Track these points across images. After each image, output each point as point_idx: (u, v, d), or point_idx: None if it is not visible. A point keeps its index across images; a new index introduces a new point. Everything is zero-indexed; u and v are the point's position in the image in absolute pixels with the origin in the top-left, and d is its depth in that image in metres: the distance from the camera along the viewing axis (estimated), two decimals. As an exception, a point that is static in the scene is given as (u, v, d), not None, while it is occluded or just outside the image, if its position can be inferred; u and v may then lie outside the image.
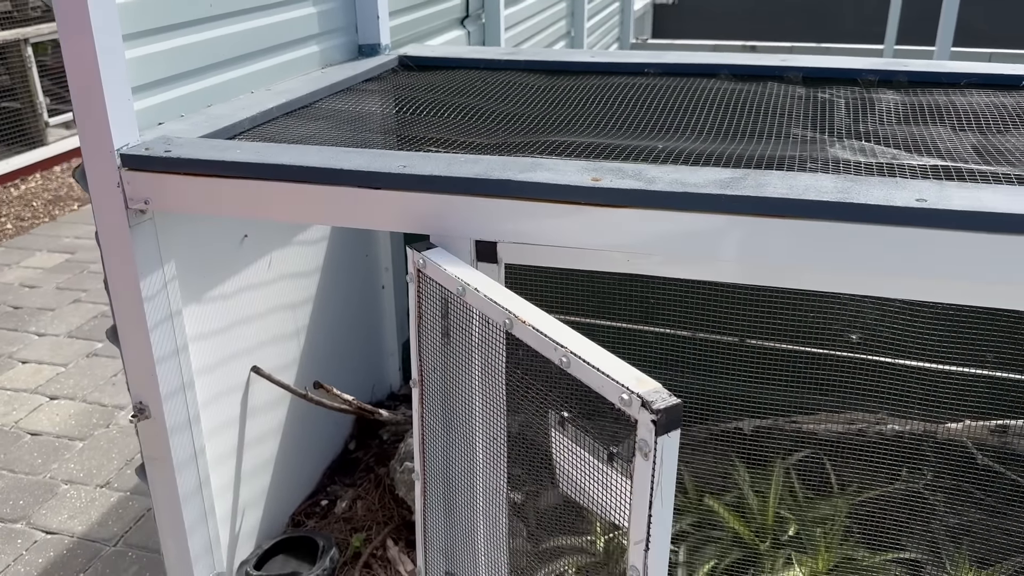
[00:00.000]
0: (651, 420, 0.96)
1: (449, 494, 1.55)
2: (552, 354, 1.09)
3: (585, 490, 1.14)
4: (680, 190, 1.25)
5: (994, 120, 1.83)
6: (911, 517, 1.86)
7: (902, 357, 1.79)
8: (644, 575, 1.04)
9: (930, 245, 1.17)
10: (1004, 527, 1.85)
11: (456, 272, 1.28)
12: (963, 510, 1.85)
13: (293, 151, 1.51)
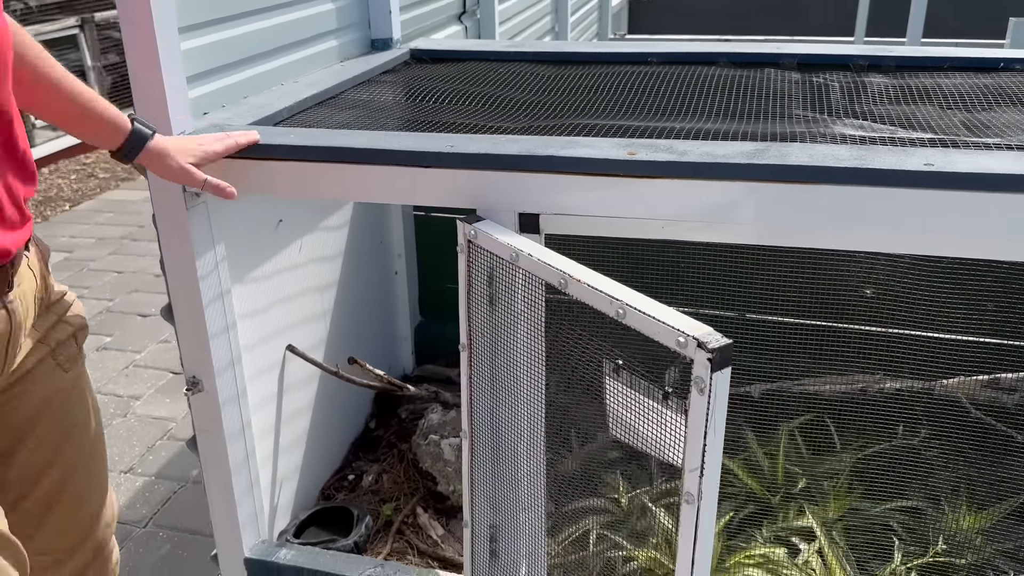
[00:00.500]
0: (707, 359, 1.09)
1: (494, 451, 1.67)
2: (608, 307, 1.21)
3: (637, 430, 1.26)
4: (711, 160, 1.38)
5: (978, 99, 1.97)
6: (911, 469, 2.01)
7: (906, 318, 1.94)
8: (698, 499, 1.17)
9: (937, 204, 1.31)
10: (996, 475, 2.00)
11: (508, 240, 1.40)
12: (959, 461, 1.99)
13: (343, 135, 1.62)
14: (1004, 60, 2.19)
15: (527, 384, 1.56)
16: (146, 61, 1.56)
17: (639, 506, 2.08)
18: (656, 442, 1.24)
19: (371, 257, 2.73)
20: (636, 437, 1.27)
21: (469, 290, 1.52)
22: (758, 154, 1.40)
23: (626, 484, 2.09)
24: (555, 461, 1.73)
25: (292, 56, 2.20)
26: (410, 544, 2.22)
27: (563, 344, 1.40)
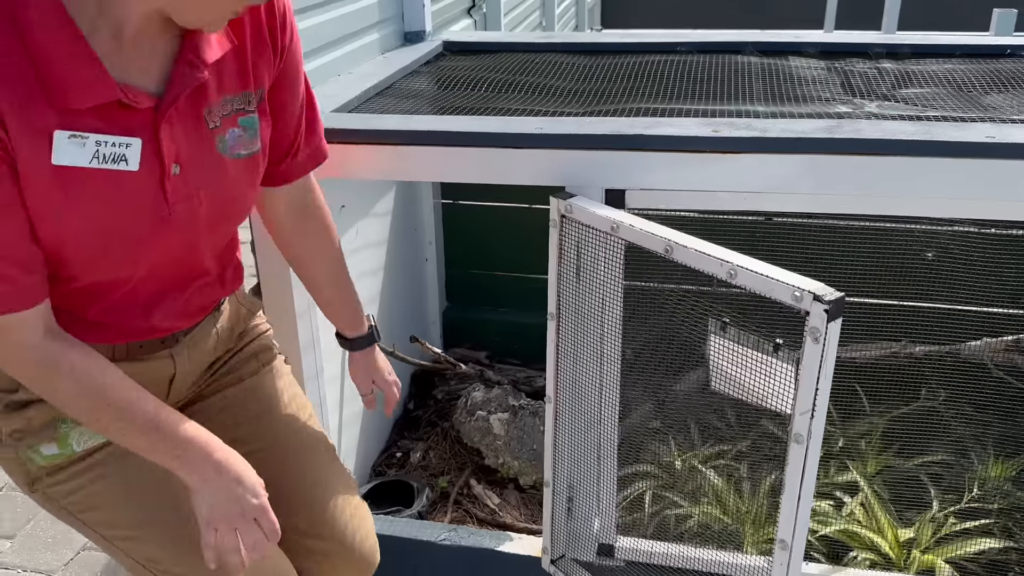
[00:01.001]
0: (824, 310, 1.21)
1: (574, 415, 1.78)
2: (718, 269, 1.33)
3: (742, 382, 1.39)
4: (792, 136, 1.51)
5: (993, 82, 2.14)
6: (940, 427, 2.17)
7: (934, 288, 2.09)
8: (808, 439, 1.30)
9: (997, 173, 1.45)
10: (1019, 427, 2.18)
11: (607, 213, 1.51)
12: (984, 417, 2.16)
13: (431, 120, 1.71)
14: (1011, 47, 2.36)
15: (612, 350, 1.68)
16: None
17: (688, 468, 2.21)
18: (761, 391, 1.36)
19: (407, 244, 2.82)
20: (739, 389, 1.39)
21: (560, 262, 1.63)
22: (834, 129, 1.53)
23: (677, 450, 2.22)
24: (627, 425, 1.85)
25: (344, 49, 2.28)
26: (468, 513, 2.32)
27: (658, 310, 1.52)
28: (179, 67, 1.07)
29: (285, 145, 1.32)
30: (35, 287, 1.04)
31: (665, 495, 2.14)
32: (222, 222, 1.23)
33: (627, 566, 1.91)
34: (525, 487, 2.42)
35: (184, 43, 1.08)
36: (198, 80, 1.09)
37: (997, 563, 1.96)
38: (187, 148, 1.11)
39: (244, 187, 1.22)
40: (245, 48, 1.17)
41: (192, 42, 1.08)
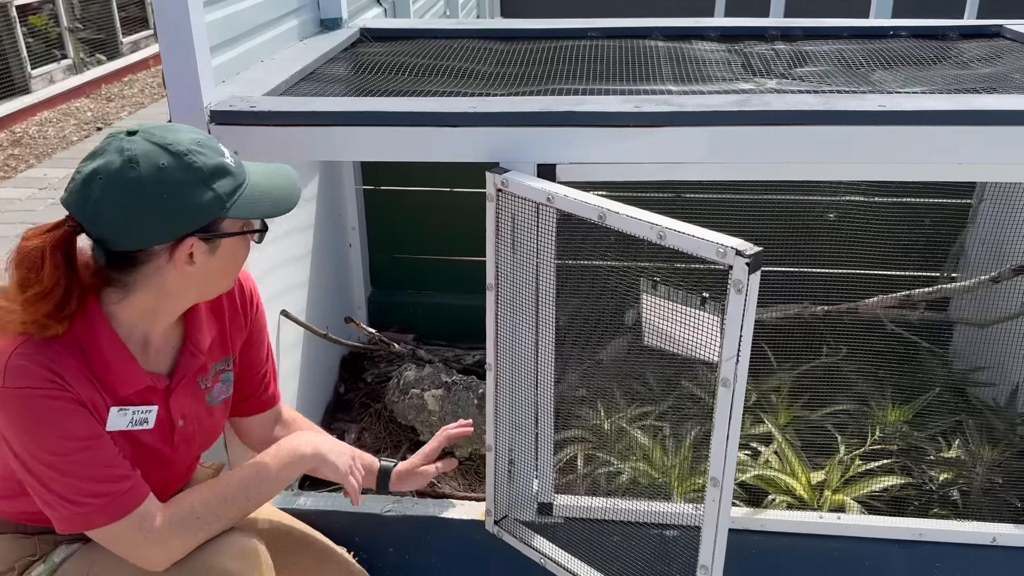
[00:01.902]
0: (745, 263, 1.34)
1: (512, 381, 1.87)
2: (648, 232, 1.44)
3: (671, 335, 1.50)
4: (708, 109, 1.64)
5: (879, 60, 2.33)
6: (842, 379, 2.36)
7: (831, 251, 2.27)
8: (734, 383, 1.42)
9: (888, 138, 1.61)
10: (913, 376, 2.39)
11: (541, 185, 1.60)
12: (881, 368, 2.36)
13: (368, 101, 1.77)
14: (893, 28, 2.57)
15: (547, 318, 1.78)
16: (178, 34, 1.66)
17: (616, 430, 2.34)
18: (690, 343, 1.48)
19: (331, 230, 2.85)
20: (670, 342, 1.51)
21: (497, 234, 1.72)
22: (744, 103, 1.66)
23: (605, 413, 2.34)
24: (560, 391, 1.95)
25: (264, 36, 2.30)
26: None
27: (590, 273, 1.63)
28: (184, 357, 1.48)
29: (254, 386, 1.69)
30: (141, 480, 1.38)
31: (597, 455, 2.26)
32: (205, 447, 1.62)
33: (565, 522, 2.02)
34: (461, 459, 2.50)
35: (186, 336, 1.49)
36: (197, 365, 1.50)
37: (898, 498, 2.15)
38: (188, 406, 1.50)
39: (221, 420, 1.64)
40: (225, 325, 1.57)
41: (192, 336, 1.49)
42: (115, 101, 7.75)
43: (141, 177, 1.26)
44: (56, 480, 1.29)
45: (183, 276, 1.35)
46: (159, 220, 1.28)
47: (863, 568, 1.98)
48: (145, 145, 1.28)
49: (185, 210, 1.29)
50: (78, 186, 1.28)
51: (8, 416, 1.28)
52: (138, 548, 1.36)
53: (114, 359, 1.37)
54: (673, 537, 1.94)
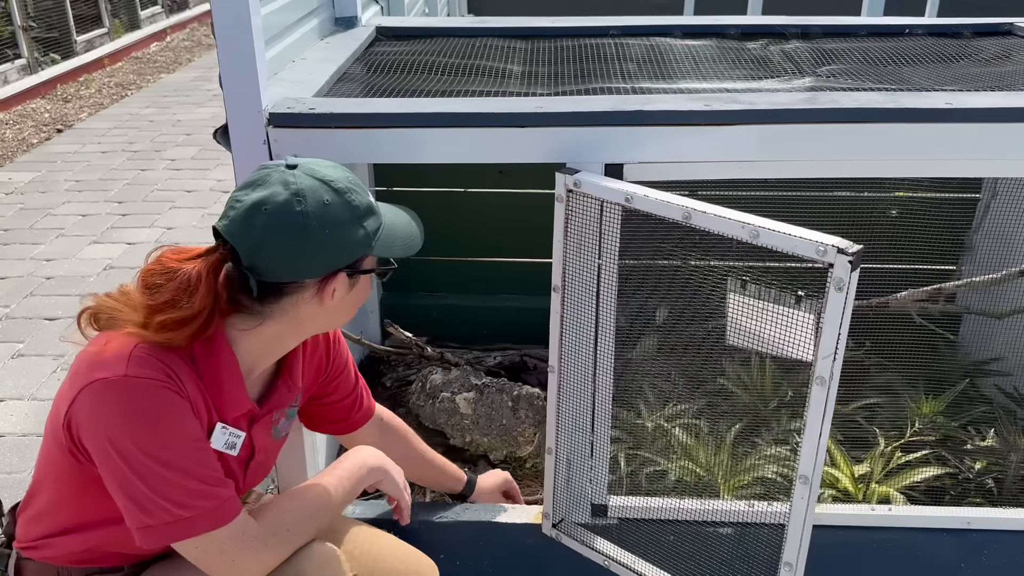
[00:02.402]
0: (848, 261, 1.34)
1: (574, 385, 1.85)
2: (740, 232, 1.44)
3: (760, 335, 1.50)
4: (778, 107, 1.64)
5: (903, 59, 2.37)
6: (878, 373, 2.39)
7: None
8: (829, 381, 1.43)
9: (956, 135, 1.64)
10: (944, 368, 2.43)
11: (619, 186, 1.59)
12: (907, 360, 2.40)
13: (429, 102, 1.74)
14: (909, 27, 2.61)
15: (608, 319, 1.77)
16: (239, 38, 1.61)
17: (655, 429, 2.34)
18: (779, 341, 1.49)
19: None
20: (757, 341, 1.51)
21: (566, 236, 1.70)
22: (812, 100, 1.67)
23: (646, 411, 2.34)
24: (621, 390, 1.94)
25: (295, 35, 2.25)
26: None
27: (672, 272, 1.62)
28: (279, 389, 1.51)
29: (349, 406, 1.76)
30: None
31: (637, 455, 2.25)
32: (261, 480, 1.61)
33: (620, 523, 2.01)
34: (496, 462, 2.47)
35: (284, 368, 1.52)
36: (289, 399, 1.53)
37: (934, 488, 2.19)
38: (262, 438, 1.50)
39: (276, 456, 1.64)
40: (307, 361, 1.59)
41: (291, 369, 1.52)
42: (72, 102, 7.52)
43: (307, 212, 1.29)
44: (166, 480, 1.25)
45: (319, 310, 1.37)
46: (319, 255, 1.32)
47: (915, 558, 2.02)
48: (309, 180, 1.31)
49: (342, 246, 1.34)
50: (241, 215, 1.29)
51: (126, 407, 1.23)
52: (235, 558, 1.33)
53: (227, 381, 1.36)
54: (731, 535, 1.95)
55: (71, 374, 1.30)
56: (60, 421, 1.28)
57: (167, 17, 10.76)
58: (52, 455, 1.35)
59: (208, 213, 5.05)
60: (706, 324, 1.81)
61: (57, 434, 1.30)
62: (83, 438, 1.26)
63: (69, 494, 1.35)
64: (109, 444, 1.23)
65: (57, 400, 1.33)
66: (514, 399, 2.46)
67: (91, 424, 1.24)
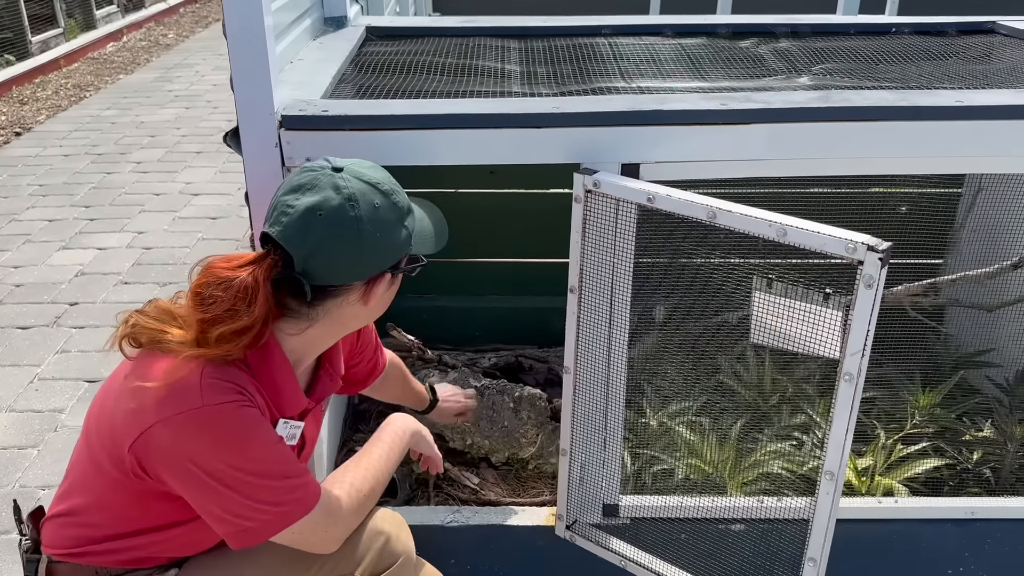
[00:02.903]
0: (878, 259, 1.36)
1: (588, 386, 1.85)
2: (767, 230, 1.45)
3: (785, 333, 1.51)
4: (794, 106, 1.65)
5: (894, 57, 2.40)
6: (873, 366, 2.42)
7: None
8: (857, 377, 1.44)
9: (967, 132, 1.66)
10: (936, 360, 2.48)
11: (639, 186, 1.59)
12: (909, 355, 2.44)
13: (445, 104, 1.72)
14: (895, 26, 2.66)
15: (622, 319, 1.77)
16: (251, 39, 1.57)
17: (659, 427, 2.35)
18: (805, 339, 1.50)
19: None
20: (782, 339, 1.52)
21: (584, 236, 1.69)
22: (825, 99, 1.69)
23: (649, 409, 2.34)
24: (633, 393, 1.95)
25: (291, 36, 2.21)
26: (451, 496, 2.33)
27: (693, 271, 1.62)
28: (322, 380, 1.54)
29: (368, 369, 1.86)
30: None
31: (642, 453, 2.26)
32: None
33: (632, 522, 2.01)
34: (498, 464, 2.46)
35: (325, 359, 1.54)
36: (335, 387, 1.58)
37: (933, 479, 2.23)
38: (311, 429, 1.54)
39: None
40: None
41: (332, 359, 1.55)
42: (29, 104, 7.32)
43: (361, 217, 1.31)
44: (260, 487, 1.29)
45: (361, 310, 1.40)
46: (372, 258, 1.35)
47: (920, 549, 2.05)
48: (358, 184, 1.33)
49: (391, 248, 1.37)
50: (295, 221, 1.29)
51: (210, 434, 1.25)
52: (328, 531, 1.39)
53: (284, 384, 1.37)
54: (746, 532, 1.96)
55: (128, 403, 1.29)
56: (120, 449, 1.28)
57: (123, 17, 10.53)
58: (101, 468, 1.33)
59: (179, 216, 4.96)
60: (722, 322, 1.82)
61: (114, 456, 1.30)
62: (160, 468, 1.27)
63: (120, 503, 1.35)
64: (197, 468, 1.26)
65: (110, 425, 1.31)
66: (515, 400, 2.45)
67: (173, 456, 1.26)
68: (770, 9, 3.42)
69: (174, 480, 1.27)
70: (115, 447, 1.29)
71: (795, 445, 2.30)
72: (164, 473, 1.27)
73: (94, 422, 1.37)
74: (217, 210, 5.05)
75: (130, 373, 1.30)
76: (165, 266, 4.31)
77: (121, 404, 1.30)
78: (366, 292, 1.37)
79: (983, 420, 2.35)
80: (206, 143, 6.28)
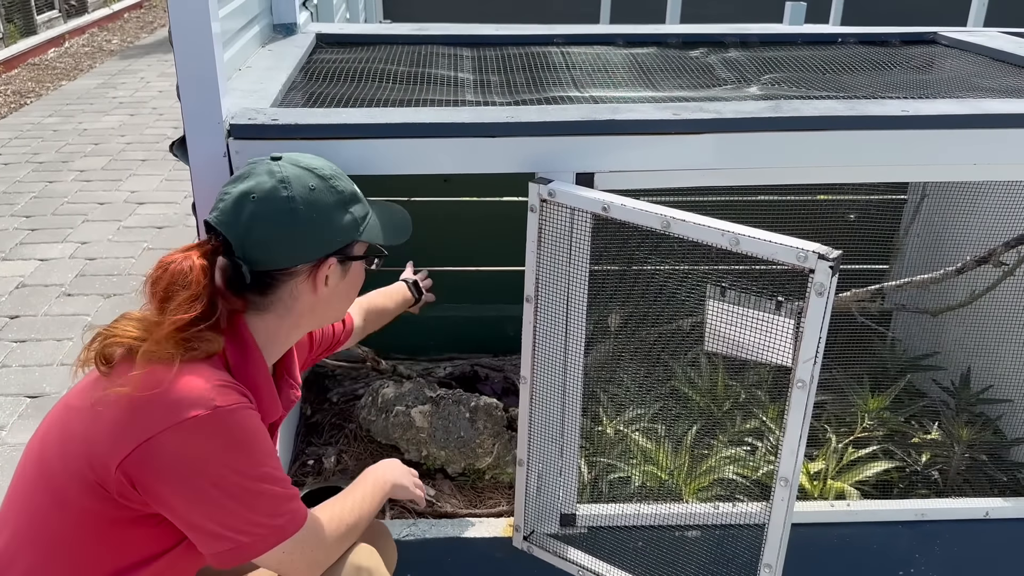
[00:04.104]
0: (829, 267, 1.37)
1: (544, 395, 1.84)
2: (719, 239, 1.46)
3: (739, 341, 1.52)
4: (745, 116, 1.67)
5: (841, 66, 2.45)
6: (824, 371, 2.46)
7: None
8: (810, 384, 1.46)
9: (913, 141, 1.70)
10: (883, 364, 2.52)
11: (595, 195, 1.59)
12: (855, 360, 2.48)
13: (399, 112, 1.70)
14: (841, 36, 2.71)
15: (578, 328, 1.76)
16: (197, 43, 1.54)
17: (615, 434, 2.35)
18: (758, 347, 1.51)
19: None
20: (736, 347, 1.53)
21: (539, 246, 1.69)
22: (776, 109, 1.71)
23: (605, 418, 2.34)
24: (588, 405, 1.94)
25: (240, 42, 2.17)
26: (405, 508, 2.31)
27: (644, 281, 1.63)
28: (283, 389, 1.49)
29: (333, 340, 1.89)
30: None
31: (597, 461, 2.26)
32: None
33: (589, 531, 2.01)
34: (454, 475, 2.44)
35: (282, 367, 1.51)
36: (295, 396, 1.56)
37: (884, 481, 2.27)
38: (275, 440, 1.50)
39: None
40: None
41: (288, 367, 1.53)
42: (-36, 111, 7.11)
43: (293, 196, 1.32)
44: (266, 496, 1.25)
45: (314, 300, 1.39)
46: (308, 238, 1.33)
47: (871, 551, 2.08)
48: (293, 168, 1.35)
49: (331, 229, 1.36)
50: (229, 206, 1.31)
51: (222, 438, 1.21)
52: (314, 554, 1.34)
53: (263, 385, 1.36)
54: (702, 538, 1.97)
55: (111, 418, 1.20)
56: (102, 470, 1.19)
57: (65, 22, 10.29)
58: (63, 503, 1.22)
59: (124, 226, 4.85)
60: (677, 329, 1.83)
61: (88, 481, 1.20)
62: (158, 482, 1.19)
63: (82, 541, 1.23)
64: (203, 477, 1.20)
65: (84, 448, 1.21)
66: (471, 410, 2.43)
67: (177, 465, 1.18)
68: (717, 19, 3.46)
69: (173, 494, 1.19)
70: (94, 469, 1.19)
71: (749, 450, 2.32)
72: (162, 487, 1.19)
73: (54, 451, 1.25)
74: (163, 219, 4.95)
75: (104, 388, 1.22)
76: (109, 277, 4.21)
77: (100, 422, 1.20)
78: (312, 277, 1.36)
79: (930, 423, 2.39)
80: (152, 151, 6.16)
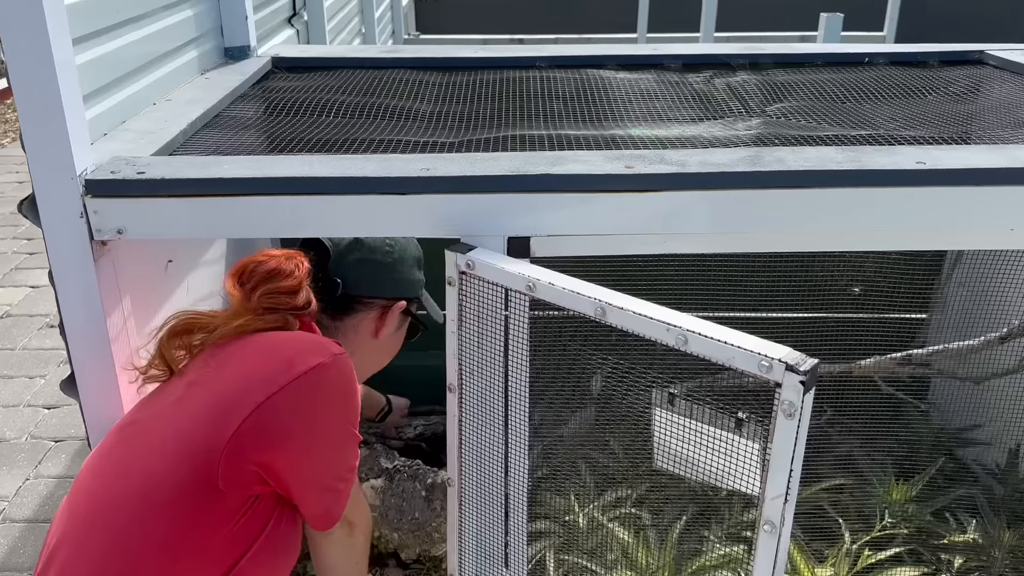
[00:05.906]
0: (799, 381, 1.04)
1: (480, 496, 1.53)
2: (664, 335, 1.13)
3: (693, 460, 1.20)
4: (713, 170, 1.34)
5: (864, 93, 2.09)
6: (840, 451, 2.10)
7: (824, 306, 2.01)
8: (780, 527, 1.13)
9: (927, 201, 1.35)
10: (914, 445, 2.15)
11: (519, 269, 1.28)
12: (880, 435, 2.12)
13: (293, 162, 1.41)
14: (869, 55, 2.34)
15: (519, 418, 1.45)
16: (39, 85, 1.27)
17: (588, 523, 2.03)
18: (720, 471, 1.18)
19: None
20: (690, 467, 1.21)
21: (460, 326, 1.38)
22: (755, 160, 1.37)
23: (576, 502, 2.02)
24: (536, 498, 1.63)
25: (160, 71, 1.92)
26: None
27: (584, 376, 1.31)
28: None
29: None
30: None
31: (565, 558, 1.94)
32: None
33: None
34: (408, 561, 2.15)
35: None
36: None
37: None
38: None
39: None
40: None
41: None
42: None
43: (392, 238, 1.56)
44: (354, 440, 1.28)
45: (371, 343, 1.55)
46: (394, 275, 1.55)
47: None
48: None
49: (410, 277, 1.58)
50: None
51: (342, 383, 1.25)
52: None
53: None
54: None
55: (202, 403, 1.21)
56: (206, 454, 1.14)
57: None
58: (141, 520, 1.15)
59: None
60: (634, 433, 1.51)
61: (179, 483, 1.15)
62: (275, 444, 1.16)
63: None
64: (319, 427, 1.21)
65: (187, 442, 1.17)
66: (428, 488, 2.13)
67: (296, 419, 1.18)
68: (754, 28, 3.08)
69: (289, 451, 1.17)
70: (197, 455, 1.14)
71: (746, 549, 1.97)
72: (276, 448, 1.16)
73: (139, 465, 1.19)
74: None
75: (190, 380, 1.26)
76: None
77: (194, 409, 1.20)
78: (381, 317, 1.54)
79: (968, 516, 2.02)
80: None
